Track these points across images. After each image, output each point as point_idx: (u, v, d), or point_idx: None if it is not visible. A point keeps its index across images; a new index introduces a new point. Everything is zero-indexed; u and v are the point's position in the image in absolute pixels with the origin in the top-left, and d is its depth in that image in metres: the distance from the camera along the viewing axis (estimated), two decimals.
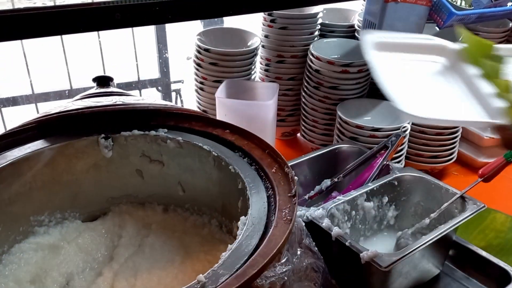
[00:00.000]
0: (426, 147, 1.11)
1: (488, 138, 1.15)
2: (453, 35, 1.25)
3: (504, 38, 1.35)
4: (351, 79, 1.10)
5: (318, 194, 0.96)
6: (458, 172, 1.20)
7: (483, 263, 0.82)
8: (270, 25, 1.19)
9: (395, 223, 0.91)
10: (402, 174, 0.89)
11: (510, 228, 0.95)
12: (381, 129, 1.00)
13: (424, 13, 0.97)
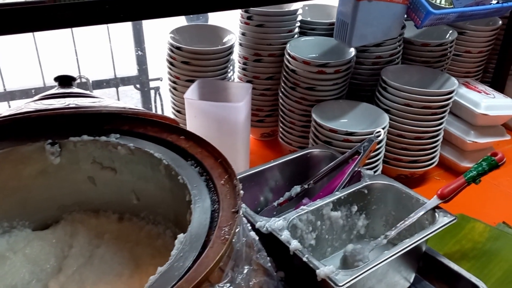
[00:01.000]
0: (405, 151, 1.06)
1: (471, 142, 1.11)
2: (432, 34, 1.22)
3: (493, 36, 1.30)
4: (328, 79, 1.06)
5: (288, 200, 0.92)
6: (440, 176, 1.16)
7: (455, 277, 0.78)
8: (247, 22, 1.15)
9: (366, 232, 0.88)
10: (372, 182, 0.85)
11: (488, 239, 0.91)
12: (355, 133, 0.96)
13: (401, 12, 0.92)
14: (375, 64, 1.14)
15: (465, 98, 1.13)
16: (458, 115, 1.15)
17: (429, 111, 1.02)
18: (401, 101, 1.02)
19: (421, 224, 0.79)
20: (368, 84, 1.15)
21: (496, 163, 0.77)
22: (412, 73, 1.13)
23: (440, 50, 1.17)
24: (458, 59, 1.29)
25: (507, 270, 0.83)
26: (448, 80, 1.09)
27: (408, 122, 1.03)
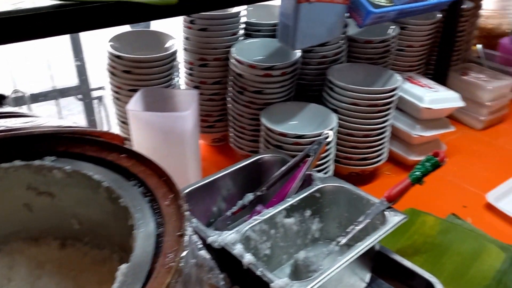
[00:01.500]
0: (354, 149, 1.07)
1: (417, 136, 1.13)
2: (375, 30, 1.23)
3: (433, 30, 1.33)
4: (275, 82, 1.05)
5: (241, 209, 0.91)
6: (390, 171, 1.18)
7: (408, 274, 0.79)
8: (190, 26, 1.12)
9: (320, 235, 0.87)
10: (323, 184, 0.85)
11: (439, 232, 0.93)
12: (304, 136, 0.95)
13: (342, 11, 0.92)
14: (321, 64, 1.13)
15: (409, 93, 1.15)
16: (404, 110, 1.17)
17: (375, 109, 1.03)
18: (348, 101, 1.03)
19: (373, 225, 0.79)
20: (315, 84, 1.15)
21: (438, 163, 0.78)
22: (358, 71, 1.14)
23: (383, 47, 1.19)
24: (401, 53, 1.31)
25: (459, 263, 0.85)
26: (392, 76, 1.10)
27: (355, 120, 1.04)
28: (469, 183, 1.12)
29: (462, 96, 1.21)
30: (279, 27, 0.92)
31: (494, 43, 1.65)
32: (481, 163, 1.22)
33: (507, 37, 1.62)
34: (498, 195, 1.04)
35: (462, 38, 1.44)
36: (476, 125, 1.36)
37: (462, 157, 1.23)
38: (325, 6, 0.88)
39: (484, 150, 1.28)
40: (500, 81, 1.34)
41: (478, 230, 0.95)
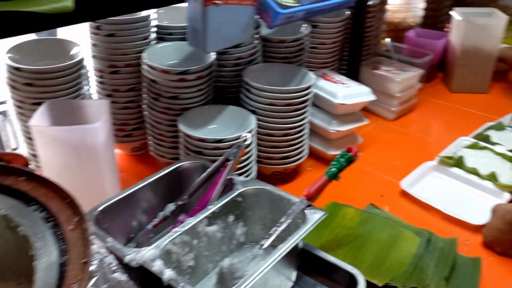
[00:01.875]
0: (275, 149, 1.08)
1: (334, 131, 1.16)
2: (288, 29, 1.25)
3: (343, 27, 1.38)
4: (191, 87, 1.02)
5: (163, 220, 0.88)
6: (312, 167, 1.20)
7: (332, 268, 0.81)
8: (96, 32, 1.06)
9: (246, 239, 0.87)
10: (245, 188, 0.84)
11: (358, 223, 0.97)
12: (223, 140, 0.94)
13: (251, 13, 0.92)
14: (236, 65, 1.13)
15: (324, 90, 1.18)
16: (321, 107, 1.20)
17: (292, 108, 1.04)
18: (265, 101, 1.03)
19: (295, 224, 0.80)
20: (233, 86, 1.15)
21: (352, 158, 0.80)
22: (273, 71, 1.15)
23: (297, 45, 1.21)
24: (314, 51, 1.34)
25: (378, 251, 0.89)
26: (306, 75, 1.12)
27: (274, 120, 1.05)
28: (385, 172, 1.18)
29: (374, 89, 1.27)
30: (188, 31, 0.90)
31: (401, 36, 1.75)
32: (395, 152, 1.28)
33: (412, 30, 1.72)
34: (411, 181, 1.10)
35: (371, 33, 1.51)
36: (388, 116, 1.43)
37: (377, 148, 1.29)
38: (234, 8, 0.88)
39: (397, 139, 1.35)
40: (407, 72, 1.42)
41: (395, 217, 1.00)
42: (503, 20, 1.51)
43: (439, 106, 1.54)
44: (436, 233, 0.94)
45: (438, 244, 0.90)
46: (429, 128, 1.46)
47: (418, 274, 0.83)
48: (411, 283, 0.81)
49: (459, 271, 0.86)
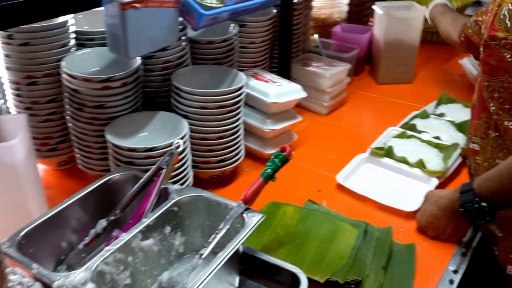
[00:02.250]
0: (211, 153, 1.06)
1: (269, 130, 1.16)
2: (216, 30, 1.24)
3: (271, 25, 1.38)
4: (116, 94, 0.98)
5: (95, 238, 0.83)
6: (250, 167, 1.20)
7: (274, 269, 0.81)
8: (8, 42, 0.98)
9: (185, 249, 0.84)
10: (180, 196, 0.82)
11: (298, 221, 0.97)
12: (155, 148, 0.91)
13: (174, 15, 0.89)
14: (165, 69, 1.09)
15: (256, 89, 1.17)
16: (254, 106, 1.20)
17: (225, 110, 1.03)
18: (196, 105, 1.01)
19: (234, 228, 0.78)
20: (163, 91, 1.11)
21: (286, 158, 0.80)
22: (204, 73, 1.13)
23: (226, 46, 1.19)
24: (244, 51, 1.34)
25: (318, 247, 0.89)
26: (237, 75, 1.11)
27: (207, 124, 1.03)
28: (321, 167, 1.20)
29: (305, 85, 1.28)
30: (108, 36, 0.86)
31: (328, 32, 1.79)
32: (330, 146, 1.30)
33: (338, 26, 1.77)
34: (345, 175, 1.13)
35: (298, 30, 1.53)
36: (321, 111, 1.45)
37: (312, 143, 1.31)
38: (155, 10, 0.84)
39: (331, 133, 1.37)
40: (336, 67, 1.45)
41: (333, 211, 1.01)
42: (421, 12, 1.59)
43: (368, 98, 1.59)
44: (372, 223, 0.97)
45: (374, 234, 0.93)
46: (361, 120, 1.51)
47: (358, 266, 0.85)
48: (351, 275, 0.82)
49: (395, 259, 0.89)
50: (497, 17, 0.85)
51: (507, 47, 0.83)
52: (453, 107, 1.44)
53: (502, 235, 0.93)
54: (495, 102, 0.88)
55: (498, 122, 0.89)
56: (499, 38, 0.84)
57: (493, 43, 0.85)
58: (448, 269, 0.89)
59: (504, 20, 0.84)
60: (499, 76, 0.86)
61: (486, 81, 0.89)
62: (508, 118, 0.87)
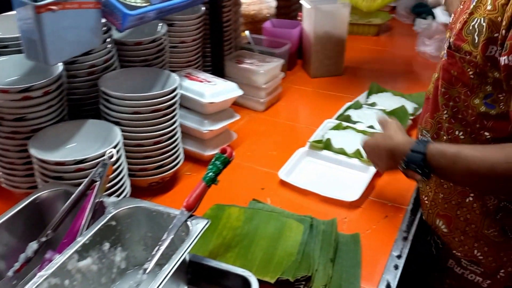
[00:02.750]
0: (148, 159, 1.01)
1: (207, 131, 1.13)
2: (144, 30, 1.18)
3: (201, 23, 1.35)
4: (38, 104, 0.90)
5: (26, 263, 0.76)
6: (191, 170, 1.16)
7: (223, 275, 0.78)
8: None
9: (128, 264, 0.80)
10: (118, 209, 0.77)
11: (244, 222, 0.95)
12: (86, 159, 0.85)
13: (96, 17, 0.83)
14: (91, 74, 1.03)
15: (191, 90, 1.14)
16: (190, 108, 1.16)
17: (160, 113, 0.98)
18: (128, 110, 0.96)
19: (179, 237, 0.75)
20: (90, 97, 1.04)
21: (228, 159, 0.78)
22: (134, 76, 1.07)
23: (156, 46, 1.14)
24: (175, 51, 1.29)
25: (266, 246, 0.88)
26: (170, 77, 1.07)
27: (142, 130, 0.98)
28: (263, 165, 1.19)
29: (241, 82, 1.26)
30: (23, 42, 0.78)
31: (259, 28, 1.78)
32: (270, 143, 1.30)
33: (268, 21, 1.77)
34: (287, 170, 1.12)
35: (229, 27, 1.50)
36: (258, 108, 1.44)
37: (252, 141, 1.30)
38: (74, 12, 0.78)
39: (270, 129, 1.37)
40: (270, 63, 1.45)
41: (278, 208, 1.01)
42: (347, 5, 1.63)
43: (303, 92, 1.60)
44: (317, 216, 0.97)
45: (320, 227, 0.93)
46: (297, 114, 1.52)
47: (306, 261, 0.85)
48: (301, 272, 0.82)
49: (342, 250, 0.90)
50: (466, 26, 0.79)
51: (471, 64, 0.78)
52: (383, 96, 1.49)
53: (447, 231, 0.97)
54: (449, 110, 0.86)
55: (449, 130, 0.88)
56: (463, 50, 0.79)
57: (457, 54, 0.80)
58: (392, 255, 0.91)
59: (472, 33, 0.77)
60: (457, 87, 0.83)
61: (443, 87, 0.86)
62: (459, 128, 0.86)
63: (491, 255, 0.92)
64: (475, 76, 0.79)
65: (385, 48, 2.03)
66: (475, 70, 0.79)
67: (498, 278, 0.93)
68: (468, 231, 0.93)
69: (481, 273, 0.94)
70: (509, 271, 0.92)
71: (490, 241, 0.91)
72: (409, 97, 1.45)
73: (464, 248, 0.95)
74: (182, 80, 1.16)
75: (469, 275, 0.96)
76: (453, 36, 0.82)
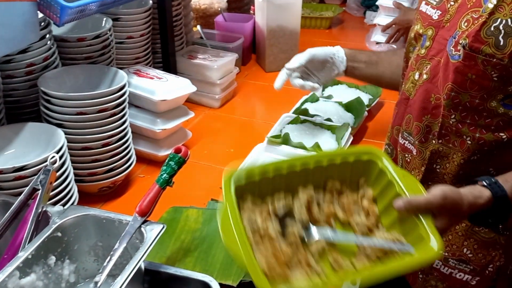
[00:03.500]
0: (97, 163, 0.95)
1: (160, 130, 1.08)
2: (87, 25, 1.11)
3: (149, 17, 1.28)
4: None
5: None
6: (144, 173, 1.11)
7: (183, 281, 0.74)
8: None
9: (77, 278, 0.73)
10: (63, 219, 0.71)
11: (203, 224, 0.91)
12: (26, 166, 0.78)
13: (31, 10, 0.76)
14: (29, 73, 0.95)
15: (140, 88, 1.08)
16: (141, 107, 1.10)
17: (107, 113, 0.92)
18: (72, 111, 0.89)
19: (133, 245, 0.70)
20: (29, 99, 0.97)
21: (183, 159, 0.74)
22: (77, 74, 1.00)
23: (100, 42, 1.07)
24: (123, 46, 1.23)
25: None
26: (117, 74, 1.01)
27: (89, 131, 0.91)
28: (221, 163, 1.14)
29: (194, 78, 1.22)
30: None
31: (211, 22, 1.73)
32: (227, 140, 1.26)
33: (220, 15, 1.72)
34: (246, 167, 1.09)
35: (179, 21, 1.45)
36: (213, 104, 1.40)
37: (209, 139, 1.25)
38: (6, 6, 0.71)
39: (226, 126, 1.33)
40: (223, 58, 1.41)
41: None
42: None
43: (259, 87, 1.57)
44: None
45: None
46: (254, 110, 1.48)
47: None
48: None
49: None
50: (486, 27, 0.73)
51: (497, 67, 0.73)
52: (338, 88, 1.49)
53: None
54: (457, 114, 0.81)
55: (456, 134, 0.82)
56: (483, 53, 0.73)
57: (480, 57, 0.74)
58: None
59: (495, 35, 0.72)
60: (472, 91, 0.77)
61: (454, 91, 0.80)
62: (467, 133, 0.81)
63: (480, 252, 0.90)
64: (499, 78, 0.75)
65: (337, 41, 2.02)
66: (500, 73, 0.74)
67: (486, 274, 0.92)
68: (458, 230, 0.91)
69: (470, 271, 0.92)
70: (497, 265, 0.91)
71: (480, 238, 0.89)
72: (363, 88, 1.46)
73: (452, 248, 0.93)
74: (131, 78, 1.09)
75: (457, 274, 0.93)
76: (465, 37, 0.76)
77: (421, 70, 0.87)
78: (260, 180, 0.68)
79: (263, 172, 0.69)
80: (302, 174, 0.71)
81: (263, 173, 0.69)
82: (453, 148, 0.84)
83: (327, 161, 0.72)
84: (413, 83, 0.89)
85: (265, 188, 0.68)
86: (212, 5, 1.79)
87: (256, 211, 0.66)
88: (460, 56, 0.77)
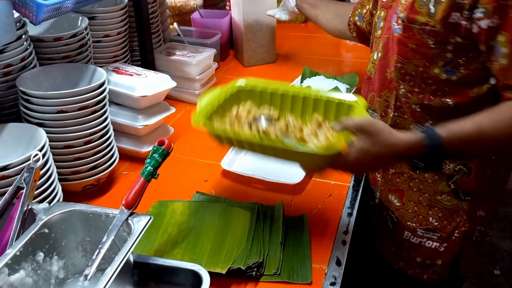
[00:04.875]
0: (80, 161, 0.95)
1: (142, 127, 1.08)
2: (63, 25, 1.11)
3: (125, 15, 1.28)
4: None
5: None
6: (128, 170, 1.11)
7: (172, 272, 0.75)
8: None
9: (67, 273, 0.74)
10: (50, 216, 0.71)
11: (190, 216, 0.92)
12: (9, 166, 0.77)
13: (6, 9, 0.76)
14: (7, 74, 0.94)
15: (120, 85, 1.08)
16: (121, 104, 1.10)
17: (88, 111, 0.92)
18: (53, 110, 0.89)
19: (121, 238, 0.71)
20: (8, 100, 0.96)
21: (167, 151, 0.75)
22: (56, 74, 1.00)
23: (77, 41, 1.07)
24: (100, 45, 1.22)
25: (215, 238, 0.86)
26: (96, 72, 1.01)
27: (70, 129, 0.91)
28: (204, 157, 1.16)
29: (173, 75, 1.22)
30: None
31: (188, 20, 1.74)
32: None
33: (196, 12, 1.73)
34: (229, 160, 1.10)
35: (156, 18, 1.45)
36: (193, 100, 1.40)
37: (191, 134, 1.26)
38: None
39: None
40: (202, 54, 1.41)
41: (223, 199, 0.99)
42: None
43: None
44: (263, 203, 0.96)
45: (267, 212, 0.92)
46: None
47: (257, 248, 0.83)
48: (252, 259, 0.80)
49: (290, 233, 0.90)
50: None
51: (432, 33, 0.79)
52: (316, 79, 1.51)
53: (400, 205, 1.00)
54: (406, 84, 0.86)
55: (406, 104, 0.88)
56: (418, 22, 0.80)
57: (416, 26, 0.81)
58: (339, 231, 0.92)
59: (426, 4, 0.79)
60: (414, 60, 0.83)
61: (399, 62, 0.86)
62: (416, 101, 0.86)
63: (445, 219, 0.96)
64: (436, 45, 0.81)
65: (313, 34, 2.05)
66: (435, 39, 0.80)
67: (453, 239, 0.97)
68: (422, 200, 0.96)
69: (438, 238, 0.98)
70: (462, 231, 0.96)
71: (443, 206, 0.95)
72: (341, 78, 1.48)
73: (418, 218, 0.98)
74: (110, 75, 1.09)
75: (426, 242, 0.99)
76: (404, 9, 0.83)
77: (378, 50, 0.92)
78: (261, 92, 0.96)
79: (264, 87, 0.97)
80: (292, 100, 0.94)
81: (264, 88, 0.96)
82: (408, 118, 0.90)
83: (314, 95, 0.92)
84: (373, 63, 0.97)
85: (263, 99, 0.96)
86: (188, 2, 1.79)
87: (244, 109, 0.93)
88: (401, 29, 0.85)
